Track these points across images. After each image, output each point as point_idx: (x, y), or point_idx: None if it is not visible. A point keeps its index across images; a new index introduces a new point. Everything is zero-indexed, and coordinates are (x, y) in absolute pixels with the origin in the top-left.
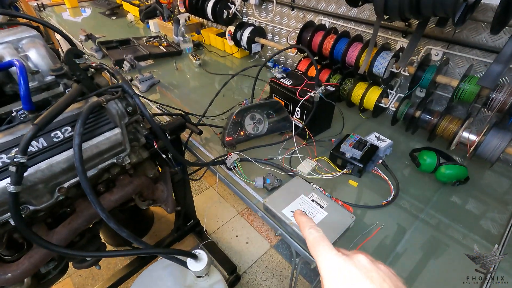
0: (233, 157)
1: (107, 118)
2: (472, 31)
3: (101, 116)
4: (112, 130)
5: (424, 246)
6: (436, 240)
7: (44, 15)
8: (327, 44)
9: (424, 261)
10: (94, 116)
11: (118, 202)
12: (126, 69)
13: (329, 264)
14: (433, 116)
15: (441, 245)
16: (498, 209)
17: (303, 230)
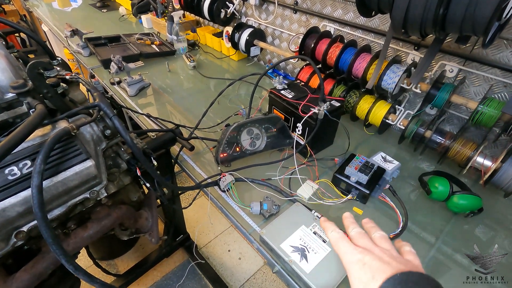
0: (227, 178)
1: (77, 149)
2: (493, 48)
3: (70, 146)
4: (83, 163)
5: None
6: (451, 278)
7: (30, 4)
8: (333, 54)
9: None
10: (62, 147)
11: (93, 238)
12: (113, 71)
13: (350, 257)
14: (445, 137)
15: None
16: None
17: (327, 232)
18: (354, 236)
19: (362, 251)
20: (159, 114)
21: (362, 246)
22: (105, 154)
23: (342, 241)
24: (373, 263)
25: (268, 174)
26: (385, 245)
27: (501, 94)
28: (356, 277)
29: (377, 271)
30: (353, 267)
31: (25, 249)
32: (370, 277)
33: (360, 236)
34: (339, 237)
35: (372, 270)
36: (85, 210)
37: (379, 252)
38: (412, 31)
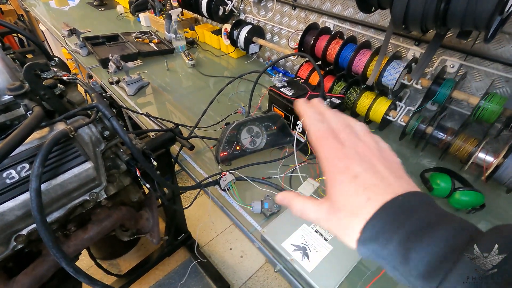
0: (228, 178)
1: (75, 151)
2: (494, 43)
3: (68, 148)
4: (82, 165)
5: None
6: None
7: (27, 4)
8: (332, 50)
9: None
10: (60, 149)
11: (94, 240)
12: (112, 71)
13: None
14: (447, 133)
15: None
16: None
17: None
18: (336, 128)
19: (350, 153)
20: (158, 113)
21: (348, 145)
22: (104, 156)
23: (327, 138)
24: (367, 177)
25: (268, 173)
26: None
27: (503, 89)
28: (343, 191)
29: (373, 190)
30: (339, 178)
31: (26, 252)
32: (365, 198)
33: (343, 128)
34: (325, 131)
35: (366, 188)
36: (85, 212)
37: (372, 156)
38: (412, 27)
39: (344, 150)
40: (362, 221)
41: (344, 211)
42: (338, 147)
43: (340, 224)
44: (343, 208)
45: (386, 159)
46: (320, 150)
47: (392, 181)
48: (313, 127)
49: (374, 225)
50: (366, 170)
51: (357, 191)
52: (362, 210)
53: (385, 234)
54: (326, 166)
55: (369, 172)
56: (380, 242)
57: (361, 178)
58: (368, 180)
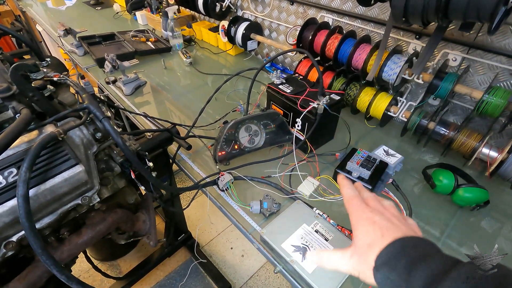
0: (226, 177)
1: (65, 154)
2: (498, 35)
3: (57, 151)
4: (72, 169)
5: None
6: None
7: (23, 4)
8: (331, 45)
9: None
10: (49, 152)
11: (89, 244)
12: (108, 70)
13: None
14: (449, 129)
15: None
16: None
17: (343, 189)
18: (367, 198)
19: (373, 210)
20: (156, 113)
21: (373, 207)
22: (97, 158)
23: (355, 199)
24: (383, 223)
25: (267, 172)
26: (394, 211)
27: (507, 83)
28: (364, 231)
29: (387, 231)
30: (362, 223)
31: (20, 258)
32: (379, 235)
33: (372, 199)
34: (354, 195)
35: (381, 229)
36: (79, 216)
37: (390, 215)
38: (413, 20)
39: (369, 208)
40: (377, 250)
41: (364, 247)
42: (364, 206)
43: (361, 259)
44: (362, 245)
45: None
46: (350, 206)
47: (403, 228)
48: (348, 193)
49: (386, 253)
50: (383, 220)
51: (374, 230)
52: (377, 243)
53: (394, 259)
54: (353, 217)
55: (386, 221)
56: (390, 266)
57: (378, 223)
58: (384, 224)
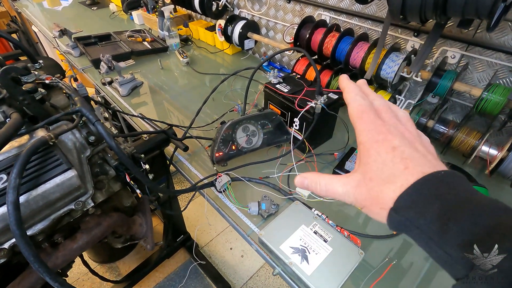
0: (223, 179)
1: (57, 159)
2: (497, 32)
3: (48, 156)
4: (64, 174)
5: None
6: None
7: (19, 5)
8: (329, 44)
9: None
10: (40, 158)
11: (84, 249)
12: (104, 71)
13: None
14: (448, 127)
15: None
16: None
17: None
18: (379, 107)
19: (390, 128)
20: (154, 113)
21: (389, 122)
22: (91, 161)
23: (368, 113)
24: (406, 150)
25: (265, 172)
26: (413, 128)
27: (506, 80)
28: (380, 160)
29: (411, 161)
30: (377, 147)
31: (14, 264)
32: (402, 167)
33: (386, 109)
34: (365, 105)
35: (404, 159)
36: (74, 221)
37: (411, 136)
38: (411, 17)
39: (385, 126)
40: (398, 188)
41: (377, 179)
42: (379, 122)
43: (370, 193)
44: (375, 177)
45: (426, 144)
46: (359, 122)
47: (431, 159)
48: (355, 102)
49: (411, 194)
50: (406, 145)
51: (394, 160)
52: (399, 178)
53: (424, 203)
54: (363, 137)
55: (408, 147)
56: (417, 211)
57: (400, 150)
58: (407, 152)
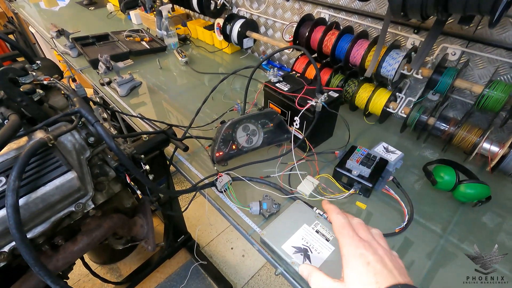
0: (224, 179)
1: (56, 161)
2: (498, 28)
3: (48, 158)
4: (64, 176)
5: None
6: (463, 275)
7: (15, 5)
8: (328, 42)
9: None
10: (39, 159)
11: (85, 251)
12: (102, 72)
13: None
14: (449, 124)
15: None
16: None
17: (331, 214)
18: (356, 226)
19: (366, 246)
20: (153, 113)
21: (365, 240)
22: (91, 163)
23: (347, 228)
24: (377, 266)
25: (266, 172)
26: (384, 244)
27: (507, 76)
28: (357, 273)
29: (381, 276)
30: (354, 261)
31: (15, 266)
32: (373, 281)
33: (362, 228)
34: (345, 222)
35: (376, 273)
36: (74, 223)
37: (383, 253)
38: (412, 14)
39: (361, 241)
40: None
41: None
42: (356, 238)
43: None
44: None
45: (394, 259)
46: (341, 236)
47: (396, 274)
48: (337, 220)
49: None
50: (377, 261)
51: (368, 275)
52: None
53: None
54: (344, 251)
55: (380, 263)
56: None
57: (373, 265)
58: (378, 268)
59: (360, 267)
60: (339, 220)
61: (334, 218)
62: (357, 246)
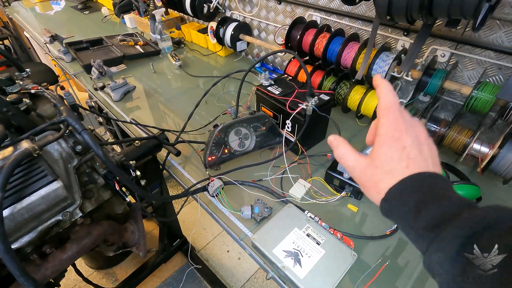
0: (216, 183)
1: (42, 171)
2: (485, 30)
3: (33, 168)
4: (49, 185)
5: None
6: None
7: (11, 10)
8: (320, 44)
9: None
10: (24, 170)
11: (74, 259)
12: (95, 77)
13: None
14: (440, 125)
15: None
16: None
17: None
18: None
19: (408, 129)
20: (147, 118)
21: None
22: (79, 171)
23: (394, 108)
24: (413, 151)
25: (258, 175)
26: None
27: (495, 77)
28: (389, 154)
29: (414, 162)
30: (391, 142)
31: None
32: (404, 165)
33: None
34: (394, 103)
35: (409, 157)
36: (63, 230)
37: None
38: (398, 18)
39: (404, 124)
40: (394, 180)
41: (381, 169)
42: (400, 120)
43: (373, 178)
44: (380, 167)
45: (431, 148)
46: (384, 115)
47: (430, 163)
48: (387, 97)
49: (399, 187)
50: (414, 147)
51: (401, 157)
52: (398, 173)
53: (406, 195)
54: (383, 130)
55: (416, 149)
56: (401, 200)
57: (408, 150)
58: (412, 153)
59: (394, 149)
60: (388, 98)
61: (384, 95)
62: (398, 128)
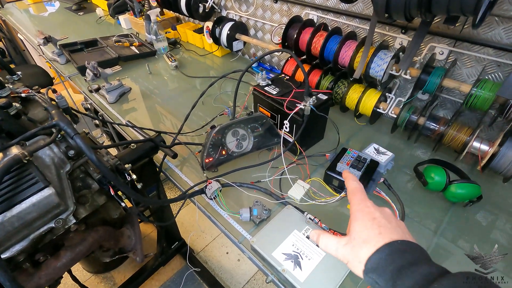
0: (214, 186)
1: (32, 177)
2: (484, 27)
3: (23, 175)
4: (40, 192)
5: None
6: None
7: (4, 12)
8: (317, 43)
9: None
10: (14, 177)
11: (69, 267)
12: (89, 79)
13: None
14: (439, 123)
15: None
16: None
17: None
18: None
19: (375, 207)
20: (143, 119)
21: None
22: (72, 176)
23: (360, 192)
24: (382, 221)
25: (257, 176)
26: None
27: (495, 75)
28: (362, 225)
29: (385, 230)
30: (362, 215)
31: None
32: (377, 232)
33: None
34: (359, 188)
35: (380, 226)
36: (57, 237)
37: (389, 215)
38: (396, 15)
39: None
40: (372, 248)
41: (358, 239)
42: (367, 200)
43: (352, 250)
44: (357, 237)
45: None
46: (353, 198)
47: (399, 231)
48: (353, 184)
49: (376, 258)
50: (383, 218)
51: (373, 226)
52: (373, 240)
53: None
54: (354, 208)
55: (384, 219)
56: (378, 272)
57: (378, 220)
58: (382, 222)
59: (366, 220)
60: (354, 185)
61: (350, 183)
62: (366, 205)
